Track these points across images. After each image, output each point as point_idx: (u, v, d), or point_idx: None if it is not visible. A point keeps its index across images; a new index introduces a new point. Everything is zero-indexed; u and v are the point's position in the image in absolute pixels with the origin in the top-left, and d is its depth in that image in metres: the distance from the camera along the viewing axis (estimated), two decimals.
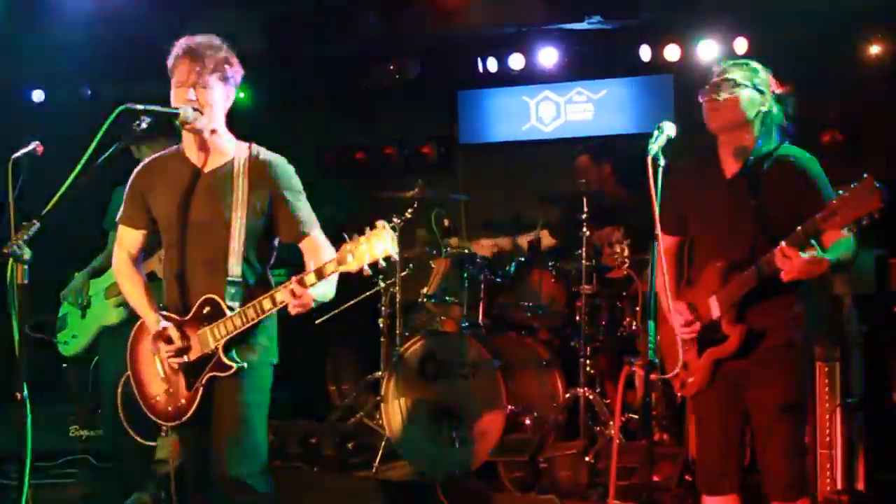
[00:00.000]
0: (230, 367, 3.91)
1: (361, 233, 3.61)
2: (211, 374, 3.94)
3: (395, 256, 3.60)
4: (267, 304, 3.84)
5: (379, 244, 3.56)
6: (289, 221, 4.05)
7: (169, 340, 4.00)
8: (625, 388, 5.20)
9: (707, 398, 4.26)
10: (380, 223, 3.58)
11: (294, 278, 3.77)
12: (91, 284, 5.94)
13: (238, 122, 4.22)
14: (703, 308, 4.17)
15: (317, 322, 7.07)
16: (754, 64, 4.20)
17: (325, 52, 8.81)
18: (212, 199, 4.02)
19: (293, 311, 3.84)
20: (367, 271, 3.62)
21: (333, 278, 3.90)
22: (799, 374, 4.17)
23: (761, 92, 4.12)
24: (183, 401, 4.01)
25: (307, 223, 4.06)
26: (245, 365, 3.93)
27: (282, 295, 3.80)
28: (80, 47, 7.93)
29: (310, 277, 3.75)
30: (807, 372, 4.36)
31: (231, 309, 3.91)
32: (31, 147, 4.31)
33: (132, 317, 5.34)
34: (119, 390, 4.22)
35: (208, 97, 3.96)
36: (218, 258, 3.97)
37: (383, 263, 3.61)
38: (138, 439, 4.12)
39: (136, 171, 4.24)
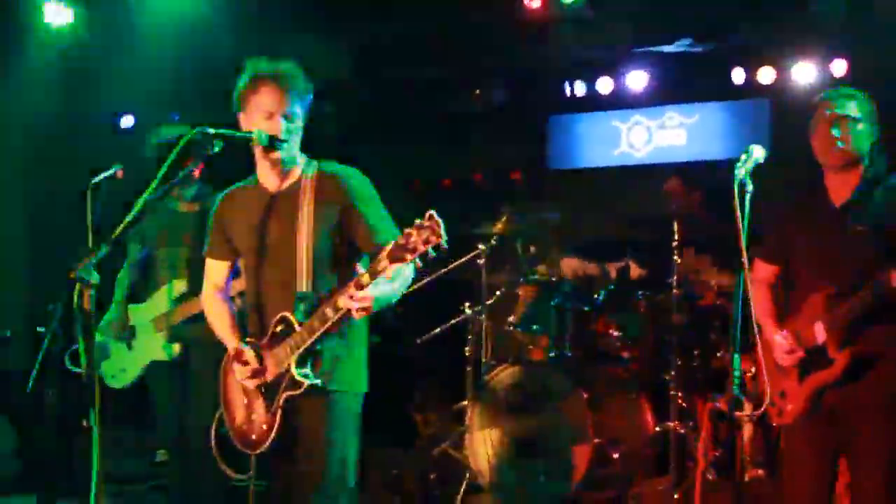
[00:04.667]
0: (302, 384, 3.79)
1: (412, 225, 3.44)
2: (287, 393, 3.83)
3: (444, 245, 3.40)
4: (329, 311, 3.72)
5: (428, 235, 3.38)
6: (363, 233, 3.91)
7: (245, 362, 3.93)
8: (719, 421, 5.01)
9: (801, 433, 4.12)
10: (429, 213, 3.40)
11: (352, 282, 3.64)
12: (132, 312, 5.53)
13: (323, 147, 4.15)
14: (807, 334, 4.07)
15: (418, 342, 7.17)
16: (861, 93, 4.15)
17: (411, 77, 8.77)
18: (281, 220, 3.96)
19: (356, 315, 3.68)
20: (419, 263, 3.45)
21: (400, 278, 3.80)
22: None
23: (873, 124, 4.10)
24: (264, 426, 3.93)
25: (382, 233, 3.87)
26: (318, 382, 3.82)
27: (342, 300, 3.67)
28: (168, 73, 8.01)
29: (364, 278, 3.60)
30: None
31: (300, 324, 3.81)
32: (111, 171, 4.33)
33: (185, 354, 5.31)
34: (213, 430, 4.15)
35: (294, 128, 3.92)
36: (290, 278, 3.89)
37: (433, 254, 3.42)
38: (232, 474, 4.03)
39: (217, 202, 4.20)
